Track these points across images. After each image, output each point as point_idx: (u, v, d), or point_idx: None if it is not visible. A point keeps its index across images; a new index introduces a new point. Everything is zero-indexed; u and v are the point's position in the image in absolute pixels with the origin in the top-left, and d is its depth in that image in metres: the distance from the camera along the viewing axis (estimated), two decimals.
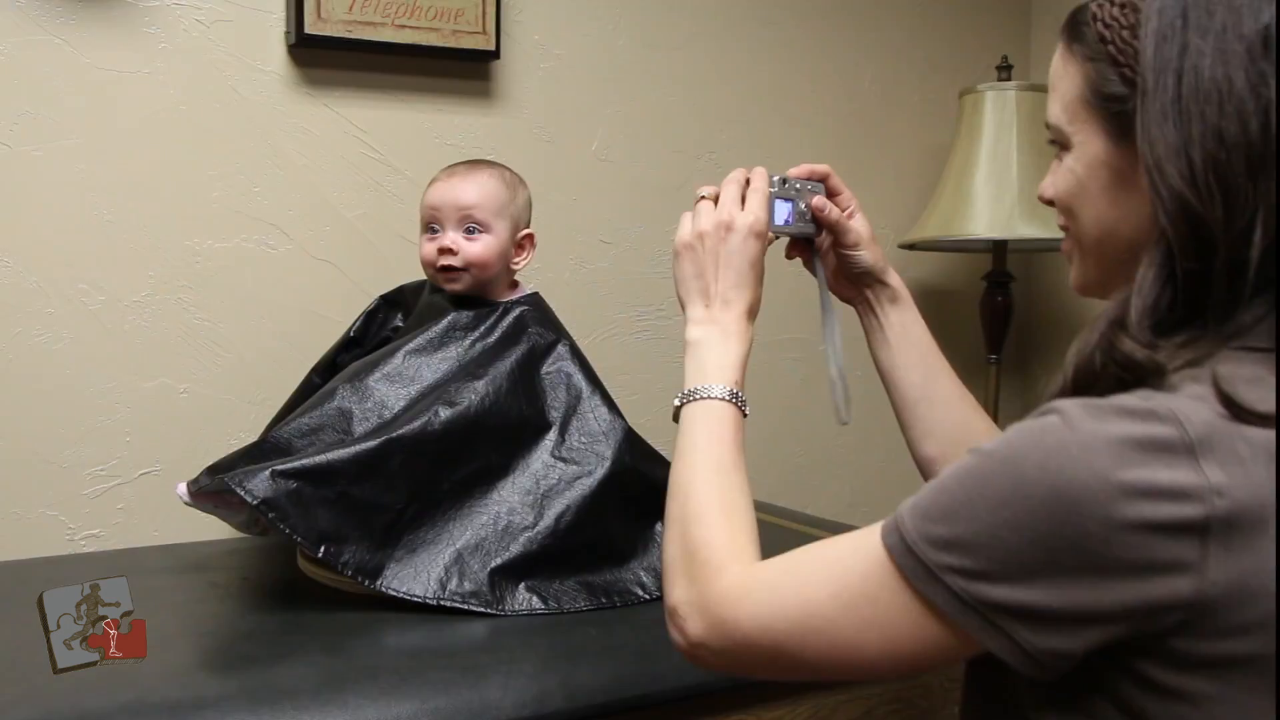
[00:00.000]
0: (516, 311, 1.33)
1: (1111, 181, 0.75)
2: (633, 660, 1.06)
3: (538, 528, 1.19)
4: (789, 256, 1.11)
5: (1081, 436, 0.63)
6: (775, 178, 1.01)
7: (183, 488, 1.18)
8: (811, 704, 1.17)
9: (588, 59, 1.83)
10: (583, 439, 1.25)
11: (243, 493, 1.08)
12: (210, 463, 1.21)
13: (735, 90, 1.96)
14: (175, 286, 1.56)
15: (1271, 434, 0.63)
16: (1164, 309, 0.69)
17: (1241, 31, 0.66)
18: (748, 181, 0.98)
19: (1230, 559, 0.62)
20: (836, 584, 0.71)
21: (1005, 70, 1.99)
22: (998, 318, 2.03)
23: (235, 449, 1.22)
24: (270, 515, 1.09)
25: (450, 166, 1.38)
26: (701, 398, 0.90)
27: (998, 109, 1.92)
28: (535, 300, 1.37)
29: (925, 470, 1.06)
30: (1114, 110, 0.74)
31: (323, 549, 1.11)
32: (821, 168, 1.06)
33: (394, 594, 1.13)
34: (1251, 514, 0.62)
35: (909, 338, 1.07)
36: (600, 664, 1.05)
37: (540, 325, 1.33)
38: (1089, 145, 0.76)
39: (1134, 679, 0.66)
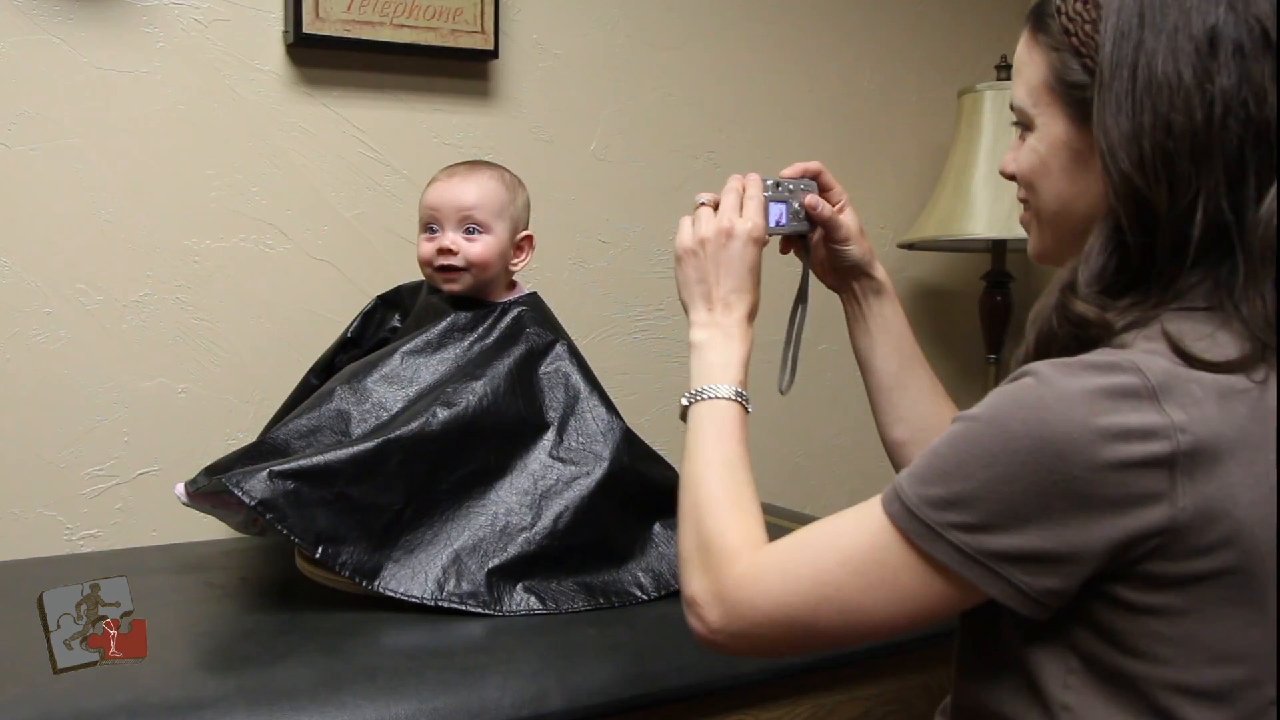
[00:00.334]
0: (515, 312, 1.33)
1: (1071, 161, 0.82)
2: (631, 660, 1.06)
3: (535, 528, 1.18)
4: (783, 251, 1.14)
5: (1057, 391, 0.71)
6: (769, 181, 1.04)
7: (180, 488, 1.19)
8: (810, 704, 1.17)
9: (586, 59, 1.83)
10: (581, 439, 1.25)
11: (240, 493, 1.08)
12: (208, 463, 1.21)
13: (734, 90, 1.96)
14: (173, 286, 1.56)
15: (1217, 377, 0.72)
16: (1110, 275, 0.77)
17: (1191, 31, 0.74)
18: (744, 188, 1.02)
19: (1194, 487, 0.70)
20: (844, 553, 0.77)
21: (1004, 70, 1.98)
22: (997, 317, 2.03)
23: (234, 449, 1.22)
24: (268, 516, 1.09)
25: (450, 167, 1.38)
26: (708, 397, 0.94)
27: (997, 108, 1.92)
28: (534, 300, 1.37)
29: (893, 453, 1.13)
30: (1075, 96, 0.80)
31: (320, 549, 1.11)
32: (813, 165, 1.09)
33: (391, 595, 1.13)
34: (1209, 446, 0.70)
35: (889, 328, 1.11)
36: (599, 664, 1.05)
37: (538, 325, 1.33)
38: (1051, 127, 0.82)
39: (1110, 603, 0.73)
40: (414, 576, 1.15)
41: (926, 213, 2.00)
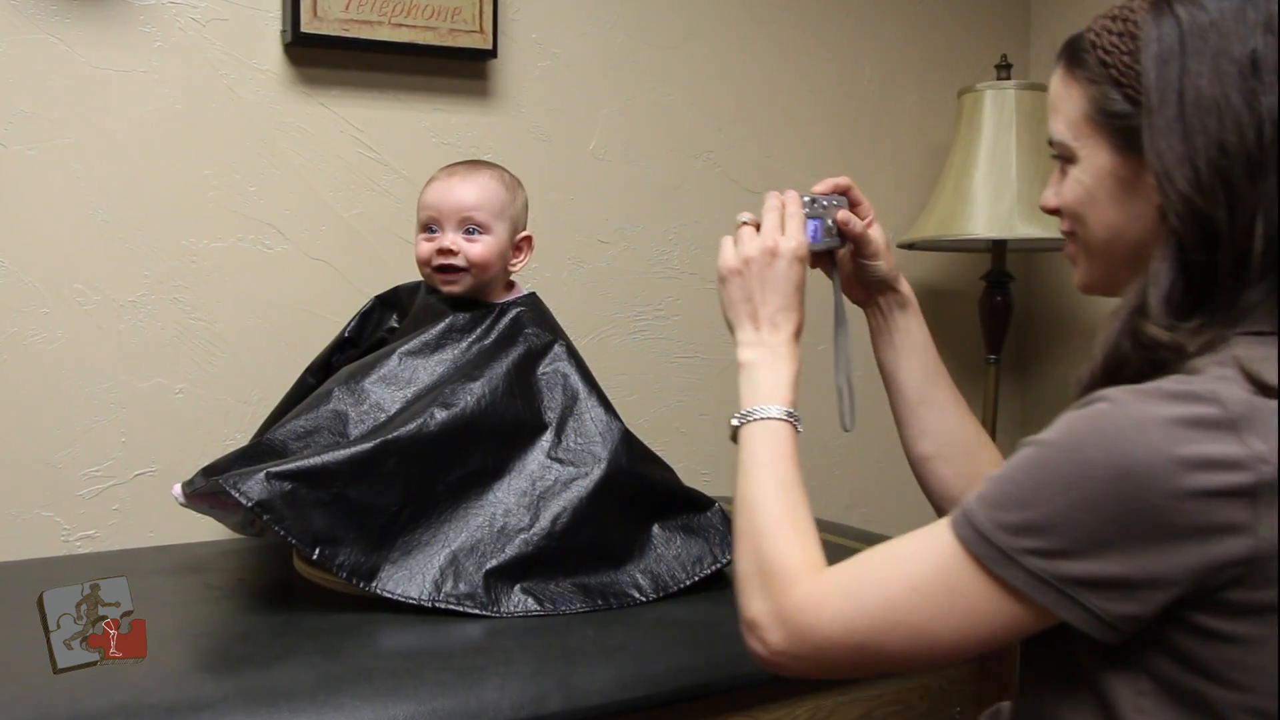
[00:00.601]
0: (513, 312, 1.33)
1: (1118, 189, 0.83)
2: (630, 661, 1.06)
3: (533, 529, 1.18)
4: (812, 266, 1.13)
5: (1135, 419, 0.71)
6: (805, 198, 1.04)
7: (178, 489, 1.18)
8: (810, 705, 1.16)
9: (585, 58, 1.82)
10: (579, 440, 1.25)
11: (237, 495, 1.08)
12: (206, 464, 1.21)
13: (733, 89, 1.96)
14: (171, 286, 1.55)
15: None
16: (1178, 296, 0.78)
17: (1232, 55, 0.76)
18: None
19: (1276, 517, 0.70)
20: (913, 578, 0.77)
21: (1004, 69, 1.98)
22: (997, 318, 2.03)
23: (231, 449, 1.22)
24: (265, 517, 1.09)
25: (449, 167, 1.38)
26: (760, 418, 0.94)
27: (997, 108, 1.92)
28: (532, 301, 1.37)
29: (918, 468, 1.12)
30: (1118, 125, 0.82)
31: (318, 551, 1.11)
32: (843, 180, 1.09)
33: (389, 596, 1.13)
34: None
35: (914, 343, 1.12)
36: (597, 666, 1.04)
37: (537, 326, 1.32)
38: (1095, 158, 0.84)
39: (1189, 629, 0.73)
40: (411, 578, 1.14)
41: (926, 213, 2.00)
